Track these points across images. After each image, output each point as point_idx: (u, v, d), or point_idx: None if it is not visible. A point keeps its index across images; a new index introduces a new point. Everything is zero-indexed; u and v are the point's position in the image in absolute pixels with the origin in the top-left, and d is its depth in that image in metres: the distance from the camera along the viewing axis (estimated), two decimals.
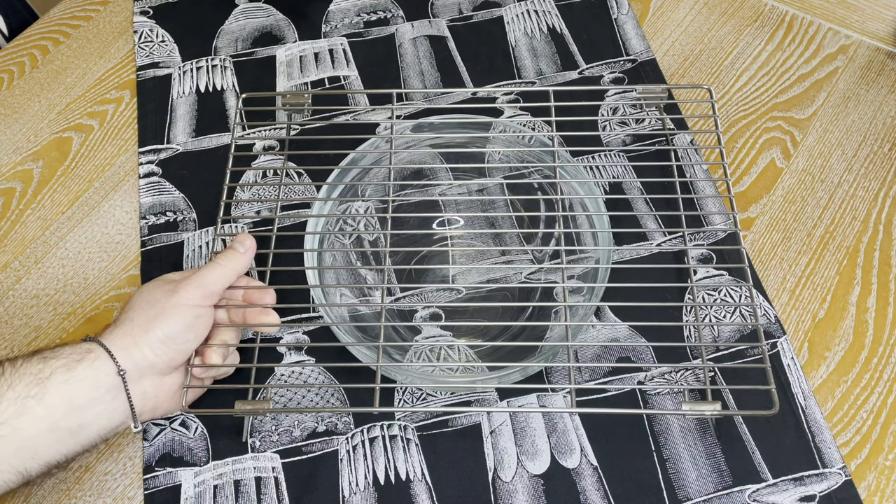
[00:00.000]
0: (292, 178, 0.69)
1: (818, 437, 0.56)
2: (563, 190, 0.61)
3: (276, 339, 0.61)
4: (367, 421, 0.57)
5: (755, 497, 0.54)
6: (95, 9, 0.83)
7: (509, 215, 0.67)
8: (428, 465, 0.56)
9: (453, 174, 0.68)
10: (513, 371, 0.55)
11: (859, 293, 0.62)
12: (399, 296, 0.64)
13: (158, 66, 0.77)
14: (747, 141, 0.71)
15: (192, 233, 0.67)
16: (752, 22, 0.79)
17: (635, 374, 0.59)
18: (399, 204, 0.66)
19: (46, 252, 0.67)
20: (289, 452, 0.56)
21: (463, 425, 0.57)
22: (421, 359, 0.60)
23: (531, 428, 0.57)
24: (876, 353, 0.60)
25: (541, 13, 0.80)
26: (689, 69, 0.76)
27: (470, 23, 0.79)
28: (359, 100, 0.74)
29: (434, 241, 0.66)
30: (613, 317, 0.61)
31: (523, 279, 0.64)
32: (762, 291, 0.62)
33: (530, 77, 0.75)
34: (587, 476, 0.55)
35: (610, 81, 0.74)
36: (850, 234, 0.65)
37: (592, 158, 0.69)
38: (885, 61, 0.75)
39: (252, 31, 0.80)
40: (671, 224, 0.66)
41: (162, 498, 0.55)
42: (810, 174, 0.69)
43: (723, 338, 0.60)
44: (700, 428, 0.56)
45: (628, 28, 0.78)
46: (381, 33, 0.79)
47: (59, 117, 0.75)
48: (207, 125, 0.73)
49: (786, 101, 0.73)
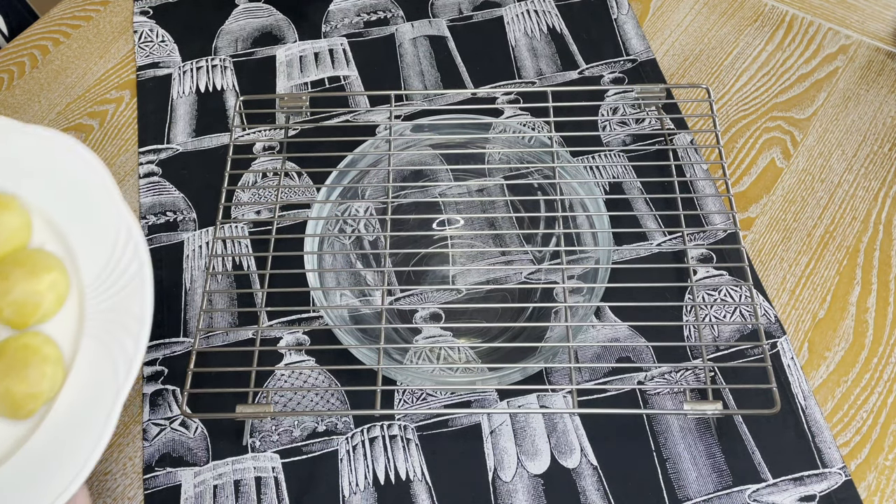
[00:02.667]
0: (292, 179, 0.69)
1: (818, 437, 0.56)
2: (562, 190, 0.61)
3: (276, 339, 0.61)
4: (367, 421, 0.57)
5: (755, 497, 0.54)
6: (95, 9, 0.83)
7: (509, 216, 0.67)
8: (428, 465, 0.56)
9: (453, 174, 0.68)
10: (513, 371, 0.55)
11: (859, 293, 0.62)
12: (399, 296, 0.64)
13: (158, 66, 0.77)
14: (747, 141, 0.71)
15: (192, 233, 0.67)
16: (752, 22, 0.79)
17: (635, 374, 0.59)
18: (399, 204, 0.66)
19: None
20: (289, 452, 0.56)
21: (463, 425, 0.57)
22: (421, 359, 0.60)
23: (531, 428, 0.57)
24: (876, 353, 0.60)
25: (541, 13, 0.80)
26: (689, 69, 0.76)
27: (470, 23, 0.79)
28: (358, 101, 0.74)
29: (434, 242, 0.66)
30: (613, 317, 0.61)
31: (523, 279, 0.64)
32: (762, 291, 0.62)
33: (530, 77, 0.75)
34: (587, 476, 0.55)
35: (610, 81, 0.74)
36: (850, 234, 0.65)
37: (592, 158, 0.69)
38: (885, 61, 0.75)
39: (252, 31, 0.80)
40: (671, 224, 0.66)
41: (162, 498, 0.55)
42: (810, 174, 0.69)
43: (723, 337, 0.60)
44: (700, 428, 0.56)
45: (628, 28, 0.78)
46: (381, 33, 0.79)
47: (59, 117, 0.75)
48: (207, 125, 0.73)
49: (786, 101, 0.73)
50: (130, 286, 0.43)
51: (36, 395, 0.43)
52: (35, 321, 0.44)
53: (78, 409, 0.43)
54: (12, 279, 0.43)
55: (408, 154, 0.66)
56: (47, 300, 0.44)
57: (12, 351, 0.42)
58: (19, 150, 0.47)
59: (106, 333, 0.43)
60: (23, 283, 0.43)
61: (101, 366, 0.43)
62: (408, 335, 0.62)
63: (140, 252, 0.44)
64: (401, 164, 0.66)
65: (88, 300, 0.44)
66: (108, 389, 0.42)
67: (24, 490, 0.41)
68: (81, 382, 0.43)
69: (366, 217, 0.67)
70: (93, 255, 0.45)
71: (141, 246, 0.44)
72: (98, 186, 0.45)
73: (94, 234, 0.45)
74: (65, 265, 0.45)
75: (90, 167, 0.46)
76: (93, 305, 0.44)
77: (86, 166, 0.46)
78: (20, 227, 0.45)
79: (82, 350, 0.43)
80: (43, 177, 0.46)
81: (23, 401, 0.42)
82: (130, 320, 0.42)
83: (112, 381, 0.42)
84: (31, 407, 0.43)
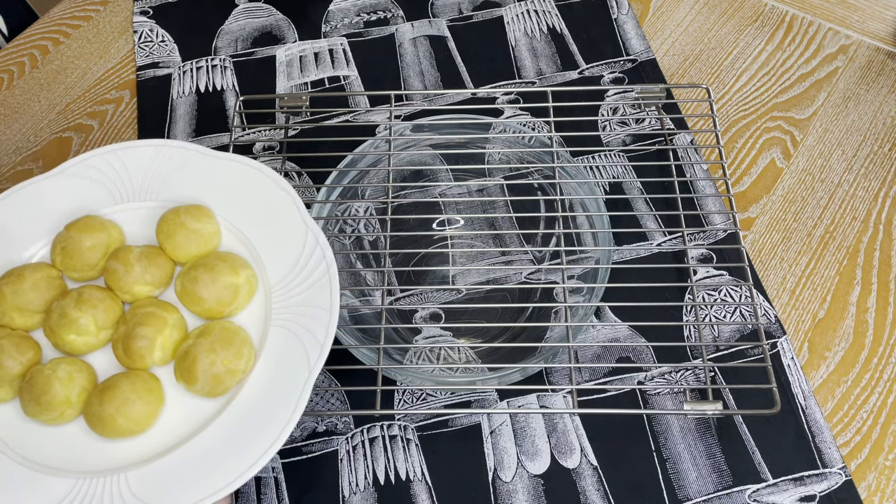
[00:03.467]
0: (292, 179, 0.69)
1: (818, 437, 0.56)
2: (562, 190, 0.61)
3: None
4: (367, 421, 0.57)
5: (755, 497, 0.54)
6: (95, 9, 0.83)
7: (509, 216, 0.67)
8: (428, 465, 0.56)
9: (453, 174, 0.68)
10: (513, 371, 0.55)
11: (859, 293, 0.62)
12: (399, 296, 0.64)
13: (158, 66, 0.77)
14: (747, 141, 0.71)
15: None
16: (752, 22, 0.79)
17: (635, 374, 0.59)
18: (399, 204, 0.66)
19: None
20: (289, 452, 0.56)
21: (463, 425, 0.57)
22: (421, 359, 0.60)
23: (531, 428, 0.57)
24: (876, 353, 0.60)
25: (541, 13, 0.80)
26: (689, 69, 0.76)
27: (470, 23, 0.79)
28: (358, 101, 0.74)
29: (434, 242, 0.66)
30: (613, 317, 0.61)
31: (523, 279, 0.64)
32: (762, 291, 0.62)
33: (530, 77, 0.75)
34: (587, 476, 0.55)
35: (610, 81, 0.74)
36: (850, 234, 0.65)
37: (592, 158, 0.69)
38: (885, 61, 0.75)
39: (252, 31, 0.80)
40: (671, 224, 0.66)
41: None
42: (810, 174, 0.69)
43: (723, 337, 0.60)
44: (700, 428, 0.56)
45: (628, 28, 0.78)
46: (381, 33, 0.79)
47: (58, 117, 0.75)
48: (207, 125, 0.73)
49: (786, 101, 0.73)
50: (319, 283, 0.50)
51: (234, 372, 0.48)
52: (228, 312, 0.51)
53: (267, 391, 0.48)
54: (216, 271, 0.50)
55: (408, 154, 0.66)
56: (243, 292, 0.51)
57: (216, 331, 0.48)
58: (216, 172, 0.55)
59: (295, 324, 0.49)
60: (226, 276, 0.50)
61: (291, 351, 0.48)
62: (408, 335, 0.62)
63: (327, 255, 0.51)
64: (401, 164, 0.66)
65: (275, 296, 0.51)
66: (300, 371, 0.47)
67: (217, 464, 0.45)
68: (271, 366, 0.49)
69: (366, 217, 0.67)
70: (279, 259, 0.52)
71: (328, 251, 0.51)
72: (286, 202, 0.53)
73: (280, 240, 0.53)
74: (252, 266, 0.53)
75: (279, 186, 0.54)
76: (279, 301, 0.51)
77: (274, 186, 0.54)
78: (214, 233, 0.53)
79: (270, 338, 0.49)
80: (234, 194, 0.55)
81: (223, 376, 0.47)
82: (320, 312, 0.49)
83: (304, 364, 0.47)
84: (228, 383, 0.48)
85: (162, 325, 0.49)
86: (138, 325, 0.49)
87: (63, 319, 0.49)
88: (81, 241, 0.51)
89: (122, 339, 0.49)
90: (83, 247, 0.51)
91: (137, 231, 0.54)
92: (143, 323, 0.49)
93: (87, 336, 0.49)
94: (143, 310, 0.50)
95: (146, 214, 0.55)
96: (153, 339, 0.48)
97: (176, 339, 0.50)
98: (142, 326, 0.49)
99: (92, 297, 0.50)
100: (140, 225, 0.55)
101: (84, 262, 0.52)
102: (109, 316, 0.50)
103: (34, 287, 0.50)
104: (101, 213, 0.55)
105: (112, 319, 0.50)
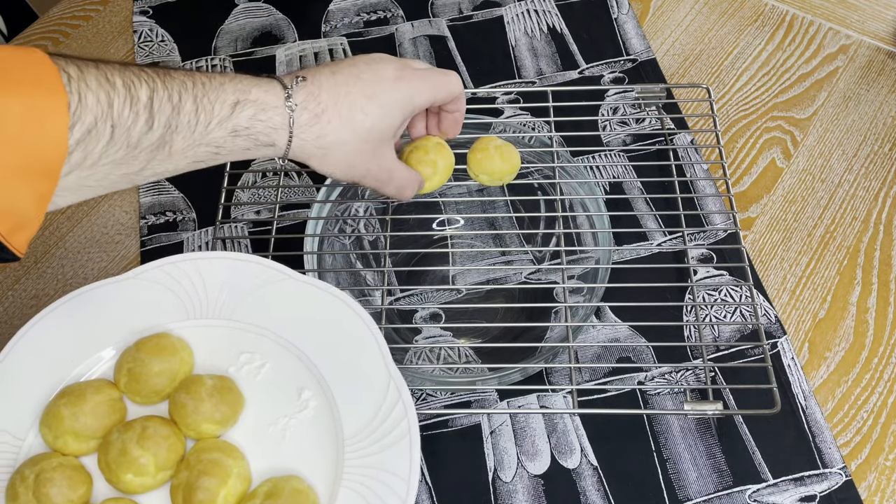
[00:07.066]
0: (292, 179, 0.69)
1: (818, 437, 0.56)
2: (563, 190, 0.61)
3: None
4: None
5: (755, 497, 0.54)
6: (95, 8, 0.83)
7: (509, 216, 0.67)
8: (428, 465, 0.56)
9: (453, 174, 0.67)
10: (513, 371, 0.55)
11: (860, 293, 0.62)
12: (399, 296, 0.64)
13: (158, 65, 0.77)
14: (748, 141, 0.71)
15: (191, 233, 0.67)
16: (752, 22, 0.79)
17: (635, 374, 0.59)
18: (399, 204, 0.66)
19: (45, 252, 0.67)
20: None
21: (463, 425, 0.57)
22: (421, 359, 0.60)
23: (531, 428, 0.57)
24: (876, 353, 0.60)
25: (541, 13, 0.80)
26: (689, 69, 0.76)
27: (470, 22, 0.79)
28: None
29: (434, 242, 0.66)
30: (614, 317, 0.61)
31: (523, 279, 0.64)
32: (762, 291, 0.62)
33: (530, 77, 0.75)
34: (587, 476, 0.55)
35: (610, 81, 0.74)
36: (850, 234, 0.65)
37: (592, 158, 0.69)
38: (886, 61, 0.75)
39: (252, 30, 0.80)
40: (671, 224, 0.65)
41: None
42: (810, 174, 0.69)
43: (723, 337, 0.60)
44: (700, 428, 0.56)
45: (628, 28, 0.78)
46: (381, 33, 0.79)
47: None
48: None
49: (786, 100, 0.73)
50: (398, 445, 0.45)
51: None
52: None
53: None
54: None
55: None
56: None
57: (287, 493, 0.45)
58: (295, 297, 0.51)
59: (367, 489, 0.44)
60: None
61: None
62: (408, 335, 0.62)
63: (409, 414, 0.45)
64: None
65: (348, 451, 0.46)
66: None
67: None
68: None
69: (366, 217, 0.67)
70: (356, 410, 0.47)
71: (410, 408, 0.46)
72: (370, 345, 0.48)
73: (359, 388, 0.48)
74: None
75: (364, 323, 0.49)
76: (352, 457, 0.46)
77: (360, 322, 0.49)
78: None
79: (340, 500, 0.45)
80: (314, 326, 0.50)
81: None
82: (397, 481, 0.44)
83: None
84: None
85: (226, 476, 0.45)
86: (202, 475, 0.45)
87: (123, 458, 0.46)
88: (150, 366, 0.48)
89: (183, 487, 0.45)
90: (151, 371, 0.48)
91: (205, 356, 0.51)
92: (206, 472, 0.45)
93: (146, 477, 0.46)
94: (208, 455, 0.46)
95: (217, 334, 0.51)
96: (216, 491, 0.45)
97: (240, 490, 0.46)
98: (205, 476, 0.45)
99: (156, 433, 0.46)
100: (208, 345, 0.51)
101: (150, 388, 0.48)
102: (171, 456, 0.46)
103: (94, 411, 0.47)
104: (172, 330, 0.51)
105: (174, 460, 0.47)
